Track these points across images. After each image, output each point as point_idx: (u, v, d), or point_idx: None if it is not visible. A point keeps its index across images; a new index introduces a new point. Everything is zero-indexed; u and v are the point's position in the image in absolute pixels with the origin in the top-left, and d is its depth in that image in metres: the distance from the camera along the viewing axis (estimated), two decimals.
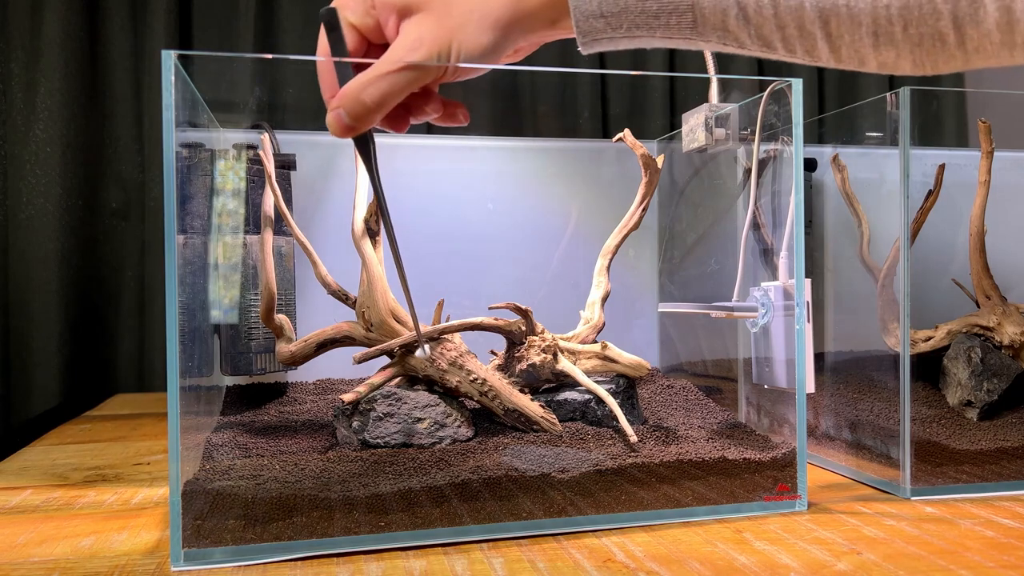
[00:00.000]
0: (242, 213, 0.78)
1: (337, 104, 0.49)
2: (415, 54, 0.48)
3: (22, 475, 0.76)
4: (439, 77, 0.51)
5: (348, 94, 0.49)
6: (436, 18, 0.48)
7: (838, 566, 0.52)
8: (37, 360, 1.22)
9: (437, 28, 0.48)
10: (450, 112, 0.55)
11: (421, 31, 0.48)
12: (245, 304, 0.79)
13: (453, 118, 0.55)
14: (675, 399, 0.83)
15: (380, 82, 0.48)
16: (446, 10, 0.48)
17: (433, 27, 0.48)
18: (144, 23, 1.29)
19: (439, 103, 0.54)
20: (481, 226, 0.95)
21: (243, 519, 0.54)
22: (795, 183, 0.66)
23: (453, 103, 0.55)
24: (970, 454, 0.71)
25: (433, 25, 0.48)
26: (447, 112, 0.55)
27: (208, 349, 0.77)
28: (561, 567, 0.52)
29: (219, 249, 0.77)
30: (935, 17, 0.42)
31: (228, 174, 0.77)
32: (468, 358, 0.69)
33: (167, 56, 0.52)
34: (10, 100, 1.23)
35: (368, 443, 0.65)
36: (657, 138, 0.98)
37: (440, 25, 0.48)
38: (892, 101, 0.70)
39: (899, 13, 0.43)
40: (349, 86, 0.49)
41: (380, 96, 0.49)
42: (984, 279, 0.82)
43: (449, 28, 0.48)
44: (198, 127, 0.71)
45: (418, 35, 0.48)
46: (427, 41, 0.48)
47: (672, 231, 0.95)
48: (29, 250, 1.23)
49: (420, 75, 0.49)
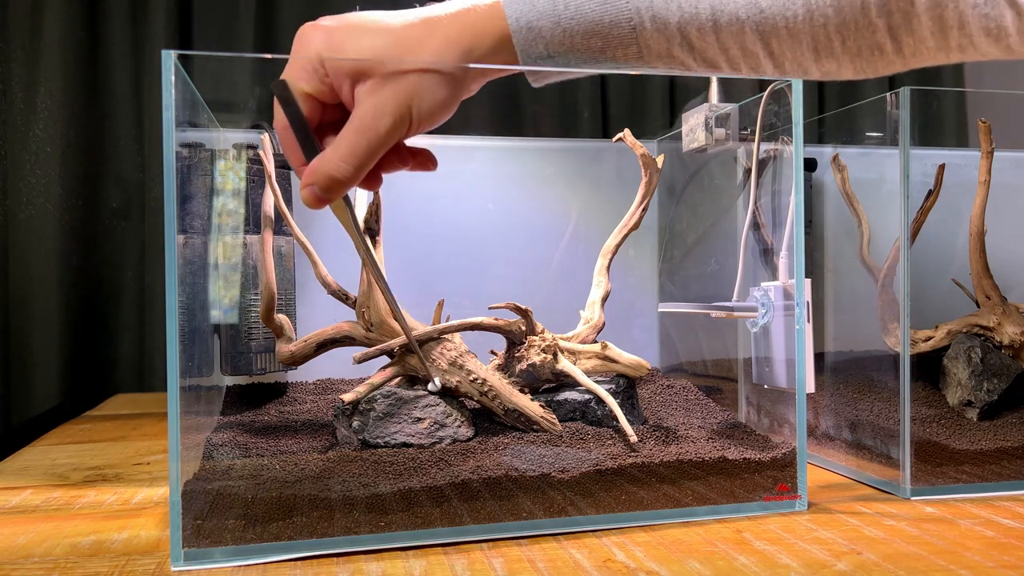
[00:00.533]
0: (242, 213, 0.78)
1: (310, 181, 0.49)
2: (379, 122, 0.48)
3: (22, 475, 0.76)
4: (404, 135, 0.51)
5: (319, 171, 0.49)
6: (392, 82, 0.48)
7: (838, 566, 0.52)
8: (37, 360, 1.22)
9: (395, 92, 0.48)
10: (420, 160, 0.55)
11: (380, 97, 0.48)
12: (245, 304, 0.79)
13: (423, 165, 0.55)
14: (675, 399, 0.83)
15: (348, 155, 0.49)
16: (398, 76, 0.48)
17: (391, 91, 0.48)
18: (144, 23, 1.29)
19: (407, 154, 0.54)
20: (481, 226, 0.95)
21: (243, 519, 0.54)
22: (795, 183, 0.66)
23: (420, 150, 0.55)
24: (970, 454, 0.71)
25: (391, 90, 0.48)
26: (416, 161, 0.55)
27: (208, 349, 0.77)
28: (561, 567, 0.52)
29: (219, 249, 0.77)
30: (871, 30, 0.44)
31: (228, 174, 0.76)
32: (468, 358, 0.69)
33: (167, 56, 0.52)
34: (10, 100, 1.23)
35: (368, 443, 0.65)
36: (657, 138, 0.98)
37: (397, 89, 0.48)
38: (892, 101, 0.70)
39: (836, 29, 0.45)
40: (318, 162, 0.49)
41: (351, 169, 0.49)
42: (984, 279, 0.82)
43: (406, 90, 0.48)
44: (198, 127, 0.71)
45: (378, 102, 0.48)
46: (388, 107, 0.48)
47: (672, 231, 0.95)
48: (29, 250, 1.22)
49: (386, 142, 0.49)
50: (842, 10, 0.44)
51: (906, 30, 0.44)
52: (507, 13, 0.50)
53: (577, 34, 0.49)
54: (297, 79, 0.50)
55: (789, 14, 0.45)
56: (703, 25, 0.47)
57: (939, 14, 0.42)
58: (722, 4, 0.46)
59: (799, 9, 0.45)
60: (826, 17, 0.44)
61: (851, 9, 0.44)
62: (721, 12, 0.47)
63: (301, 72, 0.50)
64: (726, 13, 0.46)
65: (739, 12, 0.46)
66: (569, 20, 0.49)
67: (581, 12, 0.49)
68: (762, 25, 0.46)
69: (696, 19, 0.47)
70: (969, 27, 0.42)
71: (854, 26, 0.44)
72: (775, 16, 0.45)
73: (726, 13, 0.46)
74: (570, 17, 0.49)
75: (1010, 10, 0.40)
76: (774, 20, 0.45)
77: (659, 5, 0.48)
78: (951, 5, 0.42)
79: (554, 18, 0.49)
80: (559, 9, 0.49)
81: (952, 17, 0.42)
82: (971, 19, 0.42)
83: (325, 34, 0.50)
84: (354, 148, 0.48)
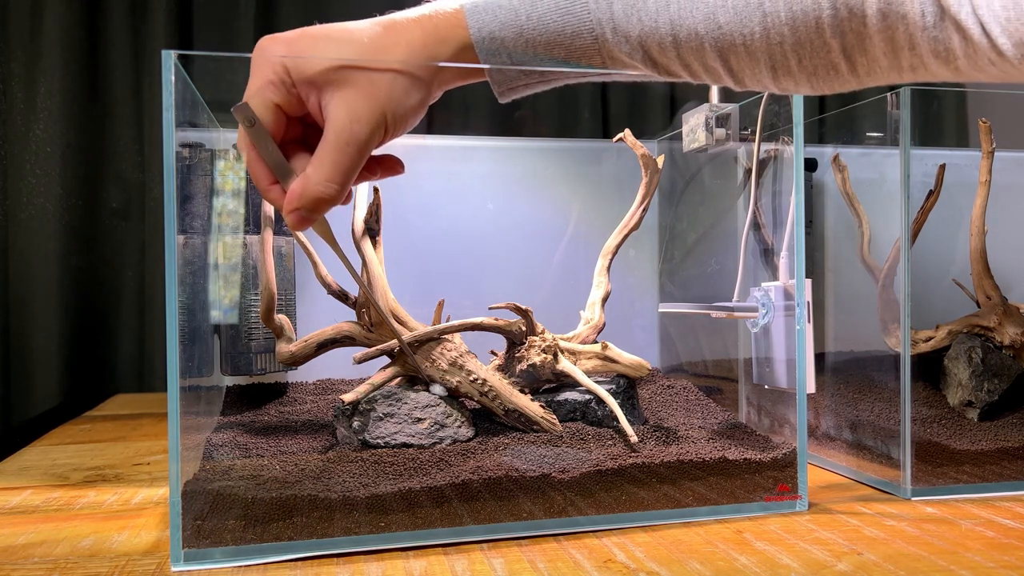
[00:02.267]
0: (242, 213, 0.78)
1: (296, 206, 0.48)
2: (357, 133, 0.47)
3: (22, 475, 0.76)
4: (380, 143, 0.50)
5: (306, 194, 0.48)
6: (362, 90, 0.47)
7: (838, 566, 0.52)
8: (37, 360, 1.22)
9: (367, 101, 0.47)
10: (386, 167, 0.54)
11: (354, 108, 0.47)
12: (245, 304, 0.79)
13: (391, 171, 0.55)
14: (675, 399, 0.83)
15: (334, 174, 0.47)
16: (369, 81, 0.47)
17: (363, 101, 0.47)
18: (144, 23, 1.29)
19: (374, 163, 0.53)
20: (481, 226, 0.95)
21: (243, 519, 0.54)
22: (795, 183, 0.66)
23: (384, 157, 0.54)
24: (970, 454, 0.71)
25: (362, 99, 0.47)
26: (383, 169, 0.54)
27: (208, 349, 0.77)
28: (561, 567, 0.52)
29: (219, 249, 0.77)
30: (826, 50, 0.45)
31: (228, 174, 0.76)
32: (468, 358, 0.69)
33: (167, 56, 0.52)
34: (10, 100, 1.23)
35: (368, 443, 0.65)
36: (657, 138, 0.98)
37: (369, 97, 0.47)
38: (893, 101, 0.70)
39: (792, 49, 0.45)
40: (301, 185, 0.48)
41: (337, 188, 0.48)
42: (984, 279, 0.82)
43: (378, 98, 0.47)
44: (198, 127, 0.71)
45: (351, 113, 0.47)
46: (363, 117, 0.47)
47: (672, 231, 0.95)
48: (29, 250, 1.23)
49: (366, 152, 0.48)
50: (797, 29, 0.44)
51: (859, 50, 0.44)
52: (469, 23, 0.49)
53: (540, 44, 0.49)
54: (265, 91, 0.48)
55: (747, 31, 0.45)
56: (663, 40, 0.47)
57: (890, 36, 0.43)
58: (681, 18, 0.46)
59: (756, 27, 0.45)
60: (782, 36, 0.45)
61: (806, 29, 0.44)
62: (680, 27, 0.47)
63: (268, 85, 0.48)
64: (685, 28, 0.46)
65: (698, 27, 0.46)
66: (531, 31, 0.49)
67: (543, 23, 0.49)
68: (720, 41, 0.46)
69: (656, 33, 0.47)
70: (919, 48, 0.43)
71: (809, 46, 0.45)
72: (733, 33, 0.46)
73: (685, 28, 0.46)
74: (532, 28, 0.49)
75: (957, 34, 0.41)
76: (732, 37, 0.46)
77: (620, 18, 0.48)
78: (901, 28, 0.42)
79: (516, 28, 0.49)
80: (521, 20, 0.49)
81: (903, 39, 0.43)
82: (920, 41, 0.42)
83: (287, 45, 0.48)
84: (337, 165, 0.47)
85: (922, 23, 0.41)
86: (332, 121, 0.47)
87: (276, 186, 0.50)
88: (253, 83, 0.49)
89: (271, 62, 0.48)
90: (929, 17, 0.41)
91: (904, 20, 0.42)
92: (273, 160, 0.49)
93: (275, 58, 0.48)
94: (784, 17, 0.44)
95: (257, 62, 0.49)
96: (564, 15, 0.48)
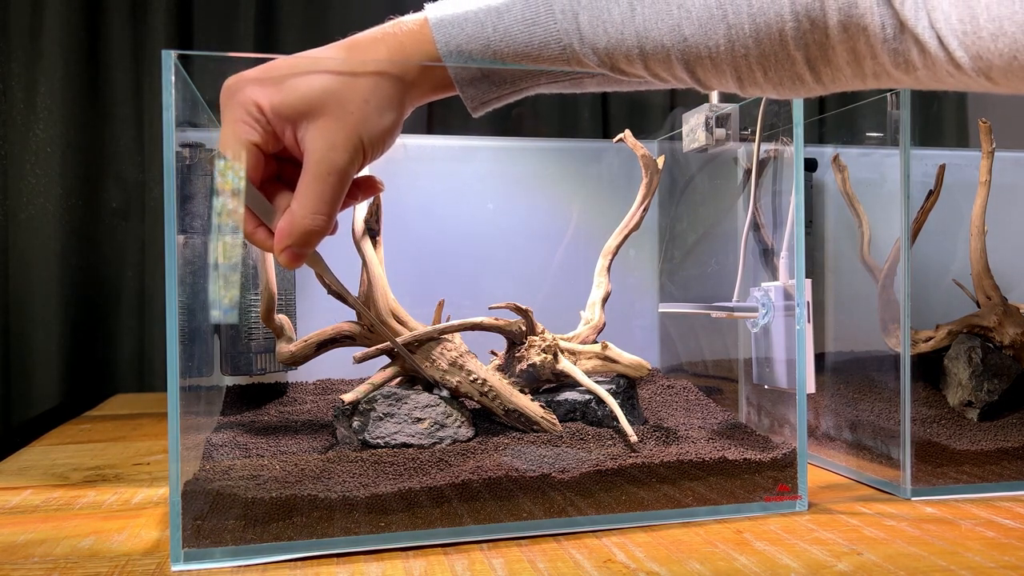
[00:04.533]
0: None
1: (287, 244, 0.48)
2: (336, 161, 0.47)
3: (22, 475, 0.76)
4: (360, 168, 0.50)
5: (295, 231, 0.48)
6: (336, 119, 0.47)
7: (838, 566, 0.52)
8: (37, 360, 1.22)
9: (343, 128, 0.47)
10: (366, 188, 0.54)
11: (330, 136, 0.47)
12: (245, 304, 0.79)
13: (371, 190, 0.55)
14: (675, 399, 0.83)
15: (319, 205, 0.47)
16: (342, 107, 0.47)
17: (338, 128, 0.47)
18: (144, 23, 1.29)
19: (355, 187, 0.53)
20: (481, 226, 0.95)
21: (243, 519, 0.54)
22: (795, 183, 0.66)
23: (362, 179, 0.54)
24: (970, 454, 0.71)
25: (337, 126, 0.47)
26: (365, 190, 0.54)
27: (208, 349, 0.77)
28: (561, 567, 0.52)
29: (219, 249, 0.77)
30: (790, 63, 0.45)
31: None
32: (468, 358, 0.69)
33: (167, 56, 0.52)
34: (10, 100, 1.23)
35: (368, 443, 0.65)
36: (657, 138, 0.98)
37: (344, 124, 0.47)
38: (893, 101, 0.70)
39: (757, 61, 0.45)
40: (288, 222, 0.48)
41: (324, 219, 0.48)
42: (985, 279, 0.82)
43: (352, 124, 0.47)
44: (198, 127, 0.71)
45: (328, 141, 0.47)
46: (340, 144, 0.47)
47: (672, 231, 0.95)
48: (29, 250, 1.23)
49: (347, 179, 0.48)
50: (761, 42, 0.44)
51: (823, 61, 0.44)
52: (435, 38, 0.49)
53: (507, 56, 0.49)
54: (240, 131, 0.48)
55: (712, 44, 0.45)
56: (630, 51, 0.47)
57: (852, 46, 0.43)
58: (646, 30, 0.46)
59: (720, 40, 0.45)
60: (747, 48, 0.45)
61: (770, 41, 0.44)
62: (646, 39, 0.46)
63: (242, 124, 0.47)
64: (651, 40, 0.46)
65: (663, 39, 0.46)
66: (499, 43, 0.48)
67: (510, 35, 0.48)
68: (686, 54, 0.46)
69: (622, 45, 0.47)
70: (881, 57, 0.43)
71: (774, 58, 0.45)
72: (698, 46, 0.45)
73: (651, 40, 0.46)
74: (499, 40, 0.48)
75: (916, 47, 0.41)
76: (697, 50, 0.45)
77: (586, 30, 0.47)
78: (862, 39, 0.42)
79: (483, 41, 0.48)
80: (487, 32, 0.48)
81: (864, 49, 0.43)
82: (881, 52, 0.42)
83: (258, 83, 0.48)
84: (322, 195, 0.47)
85: (882, 35, 0.42)
86: (311, 152, 0.47)
87: (261, 228, 0.50)
88: (227, 125, 0.48)
89: (242, 101, 0.47)
90: (889, 30, 0.41)
91: (865, 32, 0.42)
92: (253, 201, 0.49)
93: (246, 96, 0.47)
94: (748, 30, 0.44)
95: (227, 103, 0.48)
96: (531, 27, 0.48)
